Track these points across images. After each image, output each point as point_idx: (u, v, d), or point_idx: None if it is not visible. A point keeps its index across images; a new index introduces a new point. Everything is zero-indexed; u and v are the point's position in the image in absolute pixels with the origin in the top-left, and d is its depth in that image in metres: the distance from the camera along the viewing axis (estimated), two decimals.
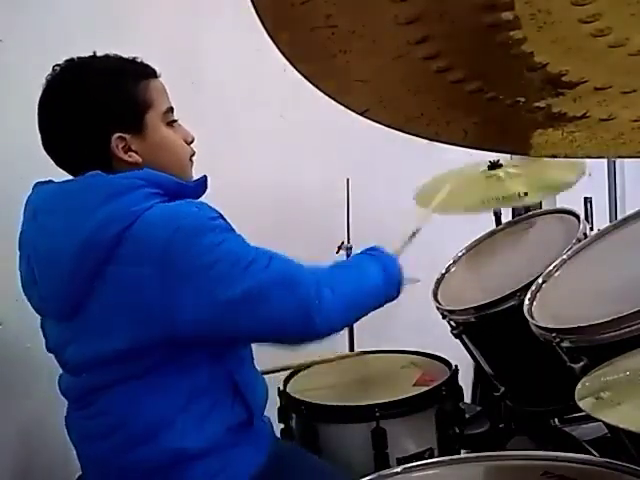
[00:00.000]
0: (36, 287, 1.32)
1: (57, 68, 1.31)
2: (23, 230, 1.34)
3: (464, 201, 2.01)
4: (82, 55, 1.33)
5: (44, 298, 1.33)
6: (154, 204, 1.25)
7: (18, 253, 1.36)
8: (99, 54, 1.33)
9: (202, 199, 1.38)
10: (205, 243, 1.23)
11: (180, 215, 1.25)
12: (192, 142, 1.42)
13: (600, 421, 0.96)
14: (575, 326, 1.30)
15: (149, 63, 1.36)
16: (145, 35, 1.95)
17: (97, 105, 1.29)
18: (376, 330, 2.50)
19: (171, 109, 1.38)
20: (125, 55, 1.34)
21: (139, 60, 1.35)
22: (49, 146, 1.33)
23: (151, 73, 1.35)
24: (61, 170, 1.34)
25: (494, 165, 2.11)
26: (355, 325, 2.23)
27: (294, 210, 2.39)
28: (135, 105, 1.31)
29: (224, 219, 1.29)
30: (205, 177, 1.39)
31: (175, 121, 1.39)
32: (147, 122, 1.32)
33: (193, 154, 1.42)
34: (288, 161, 2.33)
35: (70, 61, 1.32)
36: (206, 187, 1.40)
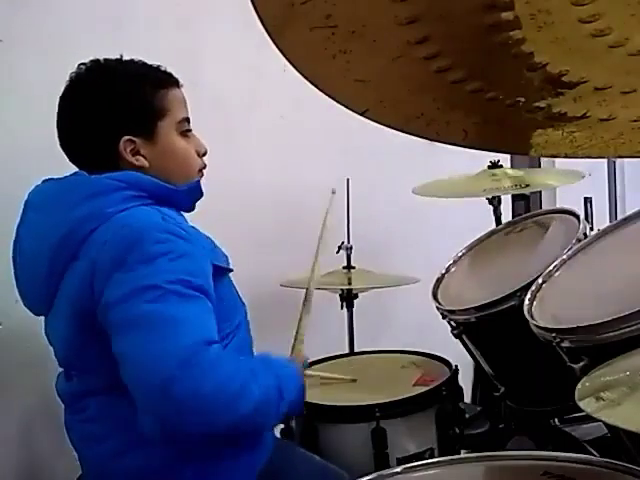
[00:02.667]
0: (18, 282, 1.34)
1: (82, 67, 1.33)
2: (17, 226, 1.35)
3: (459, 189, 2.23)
4: (82, 55, 1.34)
5: (23, 293, 1.35)
6: (132, 207, 1.25)
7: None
8: (126, 58, 1.34)
9: (199, 202, 1.39)
10: (138, 251, 1.18)
11: (137, 218, 1.24)
12: (205, 154, 1.41)
13: (600, 421, 0.96)
14: (575, 326, 1.30)
15: (149, 63, 1.36)
16: (145, 35, 1.95)
17: (111, 107, 1.30)
18: (376, 330, 2.51)
19: (187, 119, 1.38)
20: (123, 55, 1.34)
21: (163, 68, 1.36)
22: (63, 141, 1.34)
23: (173, 82, 1.36)
24: (61, 170, 1.34)
25: (494, 165, 2.14)
26: (355, 325, 2.23)
27: (294, 210, 2.39)
28: (149, 111, 1.32)
29: (202, 247, 1.25)
30: (198, 182, 1.38)
31: (189, 131, 1.38)
32: (159, 129, 1.33)
33: (204, 167, 1.41)
34: (288, 161, 2.33)
35: (95, 61, 1.33)
36: (200, 193, 1.38)
